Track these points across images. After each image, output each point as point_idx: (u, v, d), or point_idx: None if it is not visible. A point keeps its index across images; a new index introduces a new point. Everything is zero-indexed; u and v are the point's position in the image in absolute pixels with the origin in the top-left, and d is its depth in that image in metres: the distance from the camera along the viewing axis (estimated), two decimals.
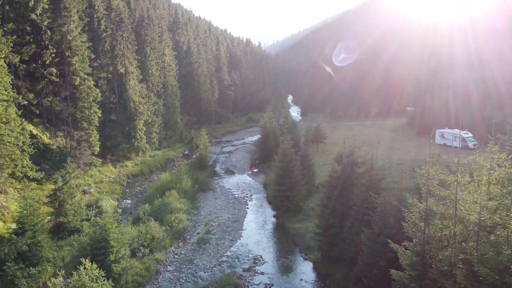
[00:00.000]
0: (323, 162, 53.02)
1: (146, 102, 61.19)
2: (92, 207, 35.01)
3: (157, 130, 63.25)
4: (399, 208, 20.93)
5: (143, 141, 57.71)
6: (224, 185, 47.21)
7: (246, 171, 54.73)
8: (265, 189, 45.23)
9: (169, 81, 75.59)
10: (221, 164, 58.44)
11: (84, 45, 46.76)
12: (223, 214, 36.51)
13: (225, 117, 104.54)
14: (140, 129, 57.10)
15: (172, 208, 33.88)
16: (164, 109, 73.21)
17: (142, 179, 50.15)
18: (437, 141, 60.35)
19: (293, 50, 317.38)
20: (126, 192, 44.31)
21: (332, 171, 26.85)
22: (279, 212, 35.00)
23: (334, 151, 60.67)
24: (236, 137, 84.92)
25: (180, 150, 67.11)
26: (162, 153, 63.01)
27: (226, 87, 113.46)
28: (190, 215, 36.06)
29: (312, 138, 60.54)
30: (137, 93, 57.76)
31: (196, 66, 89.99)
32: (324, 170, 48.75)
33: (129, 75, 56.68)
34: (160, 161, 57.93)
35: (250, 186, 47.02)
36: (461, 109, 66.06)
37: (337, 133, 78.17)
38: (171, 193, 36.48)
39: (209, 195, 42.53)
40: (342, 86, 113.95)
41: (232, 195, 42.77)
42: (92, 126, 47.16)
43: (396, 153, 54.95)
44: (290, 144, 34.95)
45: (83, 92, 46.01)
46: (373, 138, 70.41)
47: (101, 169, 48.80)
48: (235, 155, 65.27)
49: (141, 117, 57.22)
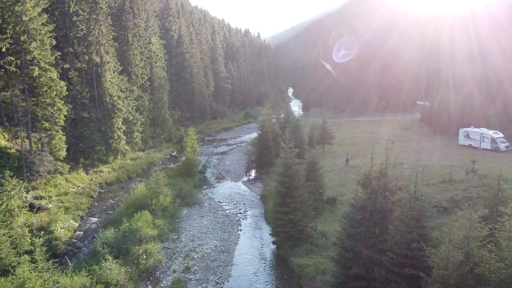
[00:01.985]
0: (331, 167, 45.34)
1: (126, 97, 53.41)
2: (42, 232, 27.55)
3: (139, 129, 55.49)
4: (472, 267, 13.41)
5: (122, 142, 49.98)
6: (214, 196, 39.55)
7: (241, 177, 47.04)
8: (263, 202, 37.61)
9: (156, 73, 67.69)
10: (212, 169, 50.72)
11: (45, 29, 38.82)
12: (209, 240, 28.87)
13: (221, 112, 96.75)
14: (118, 128, 49.35)
15: (142, 236, 26.25)
16: (151, 104, 65.51)
17: (118, 188, 42.47)
18: (460, 142, 52.60)
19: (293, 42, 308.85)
20: (95, 206, 36.65)
21: (356, 200, 19.11)
22: (279, 239, 27.36)
23: (342, 153, 52.92)
24: (232, 135, 77.17)
25: (168, 151, 59.42)
26: (146, 155, 55.28)
27: (222, 79, 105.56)
28: (167, 242, 28.45)
29: (318, 139, 52.81)
30: (115, 87, 49.92)
31: (188, 56, 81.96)
32: (334, 179, 41.07)
33: (104, 66, 48.74)
34: (142, 165, 50.19)
35: (244, 197, 39.37)
36: (486, 105, 58.29)
37: (344, 130, 70.32)
38: (143, 215, 28.78)
39: (195, 212, 34.86)
40: (346, 79, 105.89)
41: (222, 211, 35.11)
42: (56, 126, 39.49)
43: (415, 156, 47.22)
44: (293, 153, 27.21)
45: (44, 85, 38.25)
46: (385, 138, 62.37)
47: (69, 176, 41.13)
48: (229, 156, 57.54)
49: (120, 114, 49.41)
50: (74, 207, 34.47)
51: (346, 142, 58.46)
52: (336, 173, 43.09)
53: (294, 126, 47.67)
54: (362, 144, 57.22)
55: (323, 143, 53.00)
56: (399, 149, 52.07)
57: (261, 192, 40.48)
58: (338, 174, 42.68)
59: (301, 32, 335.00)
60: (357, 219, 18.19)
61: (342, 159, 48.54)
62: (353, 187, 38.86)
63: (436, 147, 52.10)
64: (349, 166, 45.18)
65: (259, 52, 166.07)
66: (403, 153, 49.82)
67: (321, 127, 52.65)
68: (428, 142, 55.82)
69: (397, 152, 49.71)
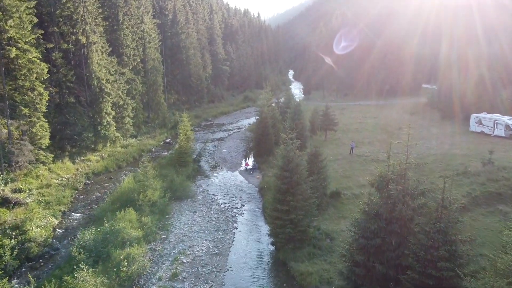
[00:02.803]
0: (334, 156, 42.38)
1: (116, 80, 50.08)
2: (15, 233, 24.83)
3: (131, 114, 52.33)
4: None
5: (111, 129, 46.91)
6: (209, 188, 36.70)
7: (238, 166, 44.14)
8: (261, 195, 34.79)
9: (150, 54, 64.04)
10: (208, 157, 47.78)
11: (23, 6, 35.35)
12: (201, 241, 26.12)
13: (219, 96, 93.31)
14: (107, 113, 46.21)
15: (125, 238, 23.46)
16: (144, 88, 62.16)
17: (106, 178, 39.63)
18: (472, 128, 49.52)
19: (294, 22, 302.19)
20: (79, 200, 33.85)
21: (369, 206, 16.15)
22: (278, 241, 24.57)
23: (345, 140, 49.79)
24: (230, 120, 73.98)
25: (161, 138, 56.39)
26: (138, 141, 52.30)
27: (220, 61, 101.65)
28: (154, 242, 25.72)
29: (320, 125, 49.71)
30: (103, 69, 46.55)
31: (183, 37, 78.01)
32: (337, 169, 38.09)
33: (91, 46, 45.27)
34: (133, 152, 47.26)
35: (241, 190, 36.53)
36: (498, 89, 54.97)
37: (347, 115, 67.04)
38: (127, 213, 25.94)
39: (186, 206, 32.04)
40: (348, 61, 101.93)
41: (217, 206, 32.30)
42: (37, 112, 36.43)
43: (424, 144, 44.22)
44: (295, 145, 24.18)
45: (22, 67, 35.09)
46: (391, 124, 59.62)
47: (53, 166, 38.33)
48: (226, 143, 54.52)
49: (108, 98, 46.18)
50: (55, 201, 31.70)
51: (350, 128, 55.33)
52: (340, 163, 40.15)
53: (295, 112, 44.56)
54: (367, 130, 54.13)
55: (325, 130, 49.91)
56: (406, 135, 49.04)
57: (259, 183, 37.63)
58: (342, 164, 39.73)
59: (303, 12, 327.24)
60: (370, 229, 15.29)
61: (346, 147, 45.56)
62: (359, 179, 36.10)
63: (446, 134, 49.02)
64: (354, 155, 42.22)
65: (259, 33, 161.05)
66: (410, 140, 46.73)
67: (323, 112, 49.47)
68: (437, 129, 52.68)
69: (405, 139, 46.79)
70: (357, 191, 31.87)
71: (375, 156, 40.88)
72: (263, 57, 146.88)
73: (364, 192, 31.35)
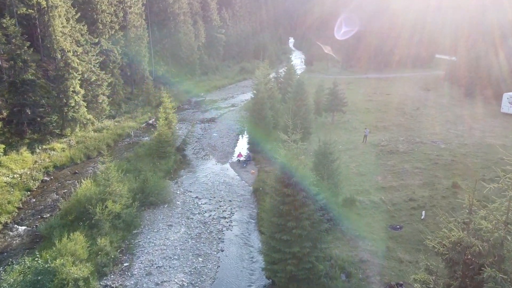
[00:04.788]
0: (344, 145, 35.57)
1: (87, 52, 42.53)
2: None
3: (106, 92, 45.02)
4: None
5: (81, 110, 39.84)
6: (192, 188, 30.02)
7: (229, 156, 37.33)
8: (255, 198, 28.22)
9: (132, 21, 56.06)
10: (195, 143, 40.89)
11: None
12: (174, 273, 19.70)
13: (213, 67, 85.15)
14: (75, 92, 38.97)
15: (65, 280, 16.98)
16: (124, 59, 54.56)
17: (70, 173, 32.92)
18: (504, 110, 42.45)
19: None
20: (30, 205, 27.26)
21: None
22: (277, 280, 18.11)
23: (356, 123, 42.57)
24: (224, 95, 66.56)
25: (144, 118, 49.23)
26: (116, 124, 45.28)
27: (215, 29, 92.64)
28: (111, 275, 19.32)
29: (326, 105, 42.60)
30: (68, 39, 38.92)
31: (171, 1, 69.31)
32: (349, 164, 31.12)
33: (52, 11, 37.42)
34: (107, 138, 40.38)
35: (232, 189, 29.87)
36: None
37: (355, 91, 59.35)
38: (71, 241, 19.31)
39: (161, 216, 25.47)
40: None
41: (200, 215, 25.74)
42: None
43: (451, 130, 37.32)
44: (300, 150, 17.28)
45: None
46: (407, 102, 52.14)
47: (4, 159, 31.65)
48: (218, 125, 47.48)
49: (76, 74, 38.80)
50: None
51: (360, 108, 48.09)
52: (351, 154, 33.36)
53: (298, 90, 37.24)
54: (379, 111, 46.94)
55: (332, 111, 42.81)
56: (427, 118, 42.07)
57: (253, 181, 30.97)
58: (354, 156, 32.94)
59: None
60: None
61: (358, 132, 38.73)
62: (377, 179, 29.36)
63: (474, 117, 42.00)
64: (368, 144, 35.41)
65: None
66: (434, 124, 39.85)
67: (330, 91, 42.17)
68: (461, 109, 45.58)
69: (426, 124, 39.90)
70: (376, 198, 25.29)
71: (393, 146, 34.03)
72: (262, 24, 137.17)
73: (385, 198, 24.80)
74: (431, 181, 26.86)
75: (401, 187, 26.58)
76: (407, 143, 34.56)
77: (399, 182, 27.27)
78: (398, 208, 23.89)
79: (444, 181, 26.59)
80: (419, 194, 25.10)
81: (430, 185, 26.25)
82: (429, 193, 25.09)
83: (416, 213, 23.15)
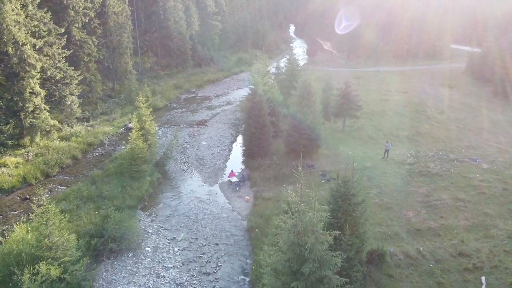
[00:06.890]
0: (361, 162, 28.73)
1: (51, 44, 35.57)
2: None
3: (76, 91, 38.13)
4: None
5: (43, 115, 33.06)
6: (168, 224, 23.41)
7: (220, 174, 30.57)
8: (250, 241, 21.65)
9: (111, 7, 48.85)
10: (179, 155, 34.11)
11: None
12: None
13: (207, 58, 77.90)
14: (34, 93, 32.17)
15: None
16: (102, 51, 47.59)
17: (20, 198, 26.28)
18: None
19: None
20: None
21: None
22: None
23: (372, 131, 35.77)
24: (218, 91, 59.61)
25: (124, 121, 42.43)
26: (89, 128, 38.54)
27: (209, 16, 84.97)
28: None
29: (337, 109, 35.86)
30: (22, 29, 31.92)
31: None
32: (369, 189, 24.53)
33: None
34: (75, 149, 33.61)
35: (219, 226, 23.20)
36: None
37: (366, 87, 52.13)
38: None
39: (121, 274, 18.88)
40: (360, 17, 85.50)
41: (175, 271, 19.14)
42: None
43: (490, 142, 30.67)
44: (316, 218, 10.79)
45: None
46: (428, 104, 45.13)
47: None
48: (208, 130, 40.70)
49: (34, 72, 31.91)
50: None
51: (375, 111, 41.21)
52: (370, 175, 26.57)
53: (303, 93, 30.44)
54: (398, 114, 40.12)
55: (344, 116, 36.05)
56: (457, 125, 35.31)
57: (248, 212, 24.40)
58: (374, 177, 26.18)
59: None
60: None
61: (374, 143, 32.11)
62: (409, 215, 22.22)
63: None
64: (390, 161, 28.75)
65: None
66: (467, 133, 33.13)
67: (341, 92, 35.34)
68: (495, 113, 38.88)
69: (457, 133, 33.16)
70: (412, 248, 18.72)
71: (423, 165, 27.32)
72: (261, 10, 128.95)
73: (424, 250, 18.27)
74: (482, 222, 20.34)
75: (443, 230, 20.06)
76: (439, 160, 27.94)
77: (438, 222, 20.73)
78: (445, 268, 17.39)
79: (500, 223, 20.07)
80: (471, 245, 18.56)
81: (483, 229, 19.74)
82: (485, 244, 18.57)
83: (472, 279, 16.64)
